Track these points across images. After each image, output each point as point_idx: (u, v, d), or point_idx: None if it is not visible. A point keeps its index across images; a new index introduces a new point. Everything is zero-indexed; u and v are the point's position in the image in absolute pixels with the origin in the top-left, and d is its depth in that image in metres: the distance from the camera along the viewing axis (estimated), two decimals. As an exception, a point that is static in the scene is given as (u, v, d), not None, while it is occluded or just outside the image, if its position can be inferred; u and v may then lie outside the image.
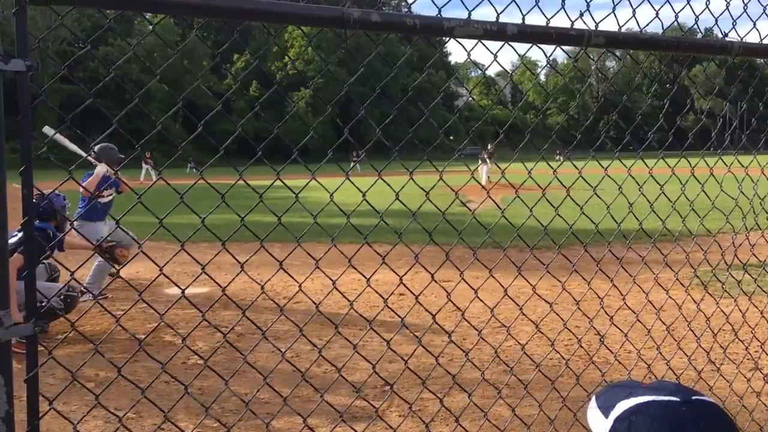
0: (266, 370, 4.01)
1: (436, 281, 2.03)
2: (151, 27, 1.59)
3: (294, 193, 1.68)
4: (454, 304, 2.25)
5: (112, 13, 1.53)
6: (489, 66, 1.96)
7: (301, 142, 1.98)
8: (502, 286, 2.28)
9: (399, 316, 2.38)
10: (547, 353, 4.16)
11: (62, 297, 5.14)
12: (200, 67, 62.50)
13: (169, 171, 28.16)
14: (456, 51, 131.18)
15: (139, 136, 1.75)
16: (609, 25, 2.35)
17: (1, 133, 1.24)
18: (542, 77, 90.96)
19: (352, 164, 32.62)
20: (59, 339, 5.04)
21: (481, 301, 2.27)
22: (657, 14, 2.24)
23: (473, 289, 2.25)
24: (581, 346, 2.80)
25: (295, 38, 67.86)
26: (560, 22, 1.89)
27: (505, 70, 2.32)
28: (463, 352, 2.37)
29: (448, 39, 1.66)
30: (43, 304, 5.02)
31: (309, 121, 60.08)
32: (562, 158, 24.82)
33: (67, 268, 1.63)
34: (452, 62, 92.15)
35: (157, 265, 1.62)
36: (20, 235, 5.23)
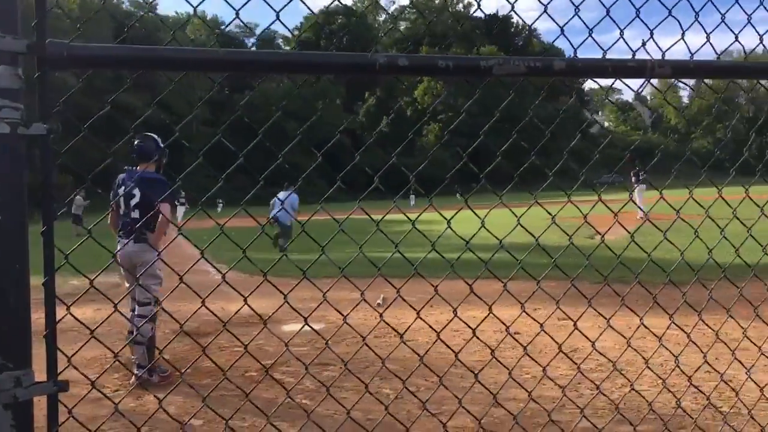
0: (365, 411, 4.02)
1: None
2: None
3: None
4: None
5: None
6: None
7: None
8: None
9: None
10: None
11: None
12: (333, 107, 65.68)
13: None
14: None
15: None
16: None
17: (24, 196, 1.19)
18: (685, 100, 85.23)
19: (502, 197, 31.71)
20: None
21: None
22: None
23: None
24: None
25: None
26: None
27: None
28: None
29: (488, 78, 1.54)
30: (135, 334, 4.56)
31: (438, 155, 60.39)
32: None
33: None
34: (585, 88, 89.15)
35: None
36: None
